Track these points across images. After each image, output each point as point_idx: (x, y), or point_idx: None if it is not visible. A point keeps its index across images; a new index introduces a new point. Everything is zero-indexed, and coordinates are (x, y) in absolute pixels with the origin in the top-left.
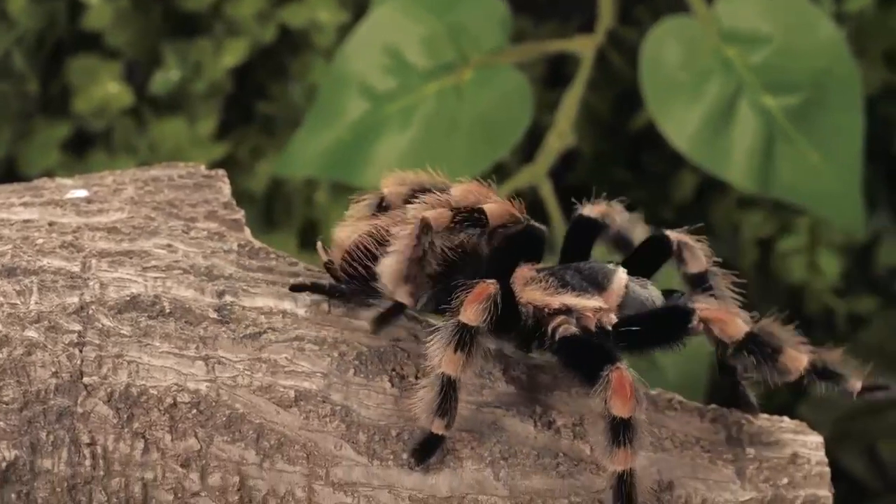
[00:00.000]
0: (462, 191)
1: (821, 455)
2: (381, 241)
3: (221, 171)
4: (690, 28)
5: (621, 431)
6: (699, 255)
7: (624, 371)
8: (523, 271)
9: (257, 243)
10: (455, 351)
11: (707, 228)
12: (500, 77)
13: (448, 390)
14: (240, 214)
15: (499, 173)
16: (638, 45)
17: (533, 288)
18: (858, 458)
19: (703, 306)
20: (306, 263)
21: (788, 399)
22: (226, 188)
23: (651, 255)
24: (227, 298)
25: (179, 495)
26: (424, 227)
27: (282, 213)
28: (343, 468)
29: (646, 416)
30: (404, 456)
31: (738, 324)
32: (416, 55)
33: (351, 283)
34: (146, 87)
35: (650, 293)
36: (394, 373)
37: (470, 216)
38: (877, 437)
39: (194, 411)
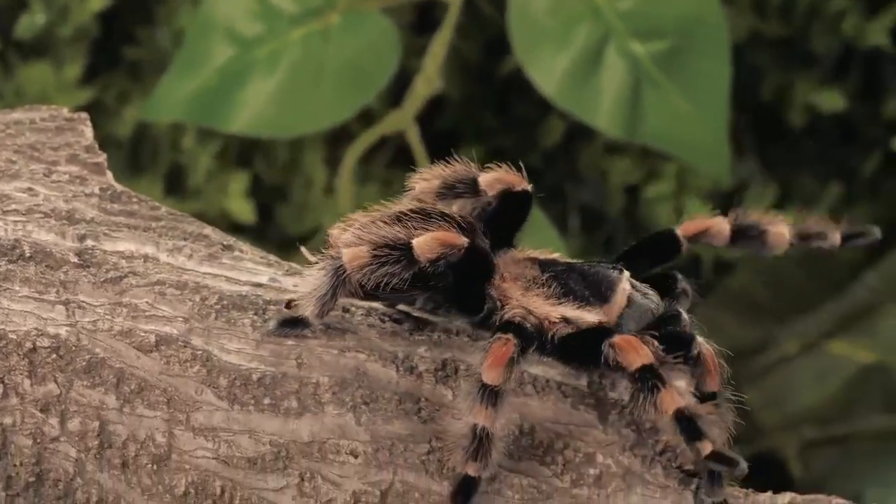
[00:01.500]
0: (491, 179)
1: None
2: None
3: (84, 115)
4: None
5: (649, 377)
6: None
7: (622, 335)
8: (525, 268)
9: (119, 187)
10: (486, 409)
11: (574, 174)
12: (367, 22)
13: (482, 438)
14: (102, 158)
15: (366, 119)
16: None
17: (535, 295)
18: None
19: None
20: (168, 207)
21: None
22: (88, 131)
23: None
24: (89, 242)
25: (38, 440)
26: (339, 269)
27: (148, 158)
28: (204, 413)
29: None
30: (266, 401)
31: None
32: (283, 0)
33: None
34: (11, 31)
35: (651, 302)
36: (255, 317)
37: (391, 255)
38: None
39: (54, 356)
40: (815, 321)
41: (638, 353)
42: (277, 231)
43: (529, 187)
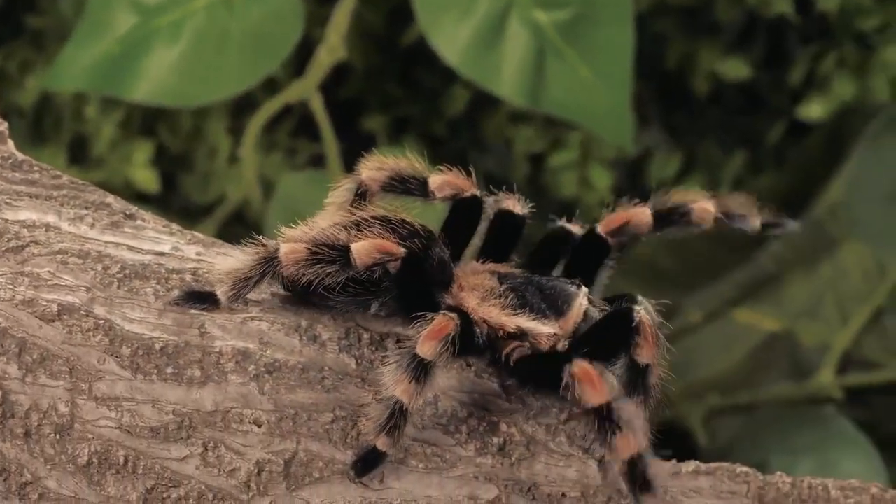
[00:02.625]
0: (440, 182)
1: None
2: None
3: None
4: None
5: (606, 419)
6: None
7: (583, 363)
8: (483, 279)
9: (20, 156)
10: (410, 382)
11: (479, 143)
12: None
13: (398, 414)
14: (3, 127)
15: (270, 87)
16: None
17: (491, 305)
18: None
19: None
20: (70, 176)
21: None
22: None
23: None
24: None
25: None
26: (272, 259)
27: (51, 128)
28: (106, 382)
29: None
30: (169, 370)
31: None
32: None
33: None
34: None
35: None
36: (158, 287)
37: (328, 254)
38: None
39: None
40: (719, 289)
41: (596, 388)
42: (181, 200)
43: (479, 192)
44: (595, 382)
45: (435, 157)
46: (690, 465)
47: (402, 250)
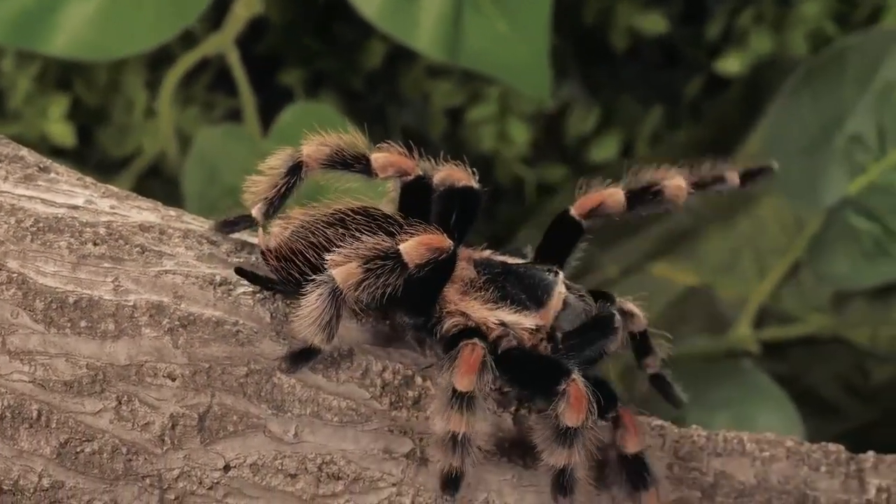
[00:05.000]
0: (383, 161)
1: None
2: (320, 247)
3: None
4: None
5: (568, 437)
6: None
7: (578, 383)
8: (460, 269)
9: None
10: (461, 414)
11: (397, 97)
12: None
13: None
14: None
15: (186, 41)
16: None
17: (472, 298)
18: None
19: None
20: None
21: None
22: None
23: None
24: None
25: None
26: (335, 290)
27: None
28: (20, 336)
29: None
30: (82, 324)
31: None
32: None
33: (286, 283)
34: None
35: (585, 304)
36: (72, 240)
37: (385, 266)
38: None
39: None
40: (637, 244)
41: (580, 415)
42: (98, 154)
43: (422, 172)
44: (582, 407)
45: (352, 112)
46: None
47: (450, 243)
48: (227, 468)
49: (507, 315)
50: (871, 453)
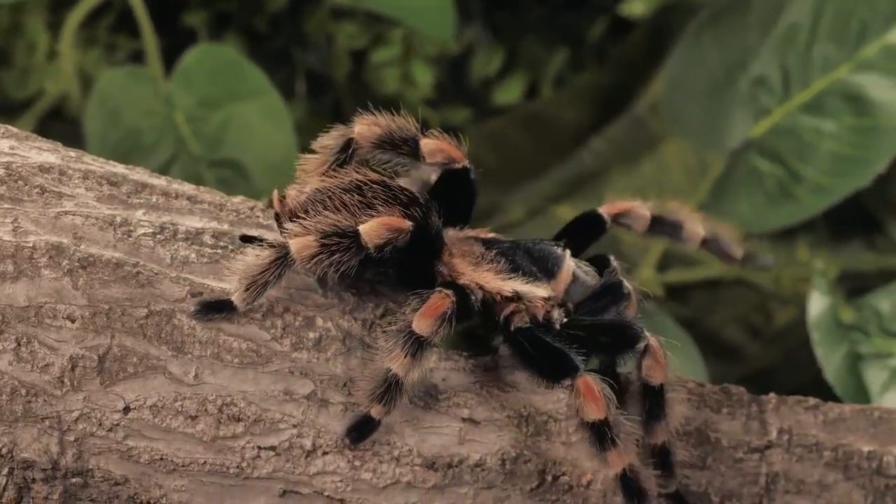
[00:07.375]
0: (433, 147)
1: None
2: (336, 211)
3: None
4: None
5: (606, 434)
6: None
7: (588, 378)
8: (470, 245)
9: None
10: (405, 357)
11: (301, 39)
12: None
13: (393, 385)
14: None
15: None
16: None
17: (485, 270)
18: None
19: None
20: None
21: None
22: None
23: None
24: None
25: None
26: (284, 259)
27: None
28: None
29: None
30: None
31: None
32: None
33: None
34: None
35: (591, 278)
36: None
37: (340, 243)
38: None
39: None
40: (541, 186)
41: (597, 405)
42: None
43: (469, 164)
44: (596, 399)
45: (256, 54)
46: (508, 360)
47: (409, 224)
48: (126, 410)
49: (521, 285)
50: (772, 395)
